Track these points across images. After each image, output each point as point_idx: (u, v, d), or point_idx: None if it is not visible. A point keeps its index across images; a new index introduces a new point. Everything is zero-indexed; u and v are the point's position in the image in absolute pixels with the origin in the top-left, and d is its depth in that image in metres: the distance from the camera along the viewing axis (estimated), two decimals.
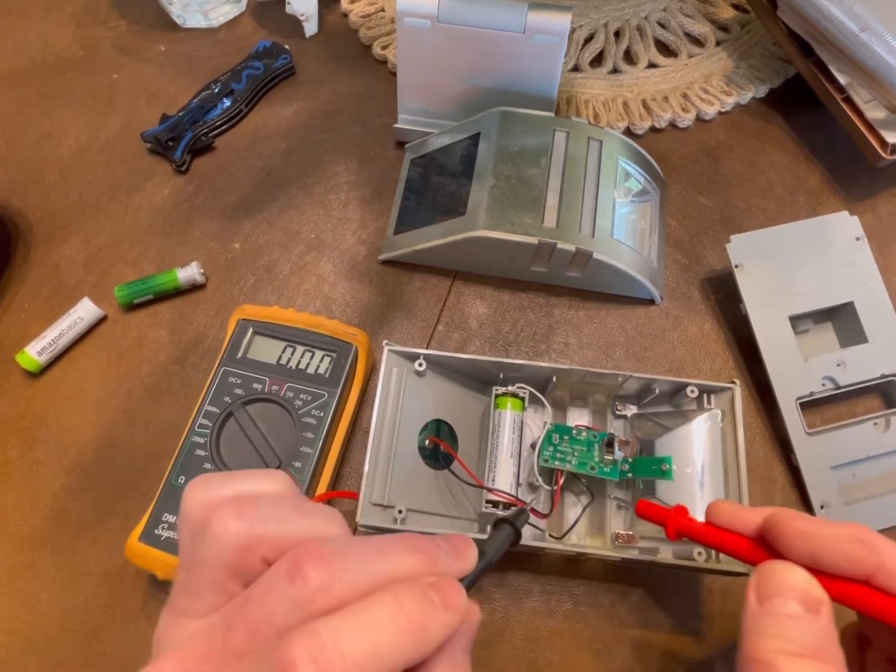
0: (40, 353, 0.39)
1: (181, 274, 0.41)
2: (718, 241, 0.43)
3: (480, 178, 0.40)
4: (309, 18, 0.51)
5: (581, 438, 0.33)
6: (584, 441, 0.33)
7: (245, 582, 0.19)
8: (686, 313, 0.41)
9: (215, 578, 0.19)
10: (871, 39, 0.39)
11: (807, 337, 0.39)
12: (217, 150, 0.48)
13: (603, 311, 0.41)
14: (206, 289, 0.42)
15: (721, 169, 0.46)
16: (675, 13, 0.51)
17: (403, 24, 0.40)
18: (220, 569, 0.18)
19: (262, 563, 0.18)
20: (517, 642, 0.32)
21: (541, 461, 0.33)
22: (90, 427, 0.38)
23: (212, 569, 0.18)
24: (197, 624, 0.18)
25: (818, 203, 0.44)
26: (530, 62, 0.41)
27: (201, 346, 0.40)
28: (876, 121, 0.41)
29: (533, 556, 0.34)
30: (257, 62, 0.50)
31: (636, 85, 0.49)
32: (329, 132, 0.48)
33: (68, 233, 0.45)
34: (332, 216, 0.45)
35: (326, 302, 0.42)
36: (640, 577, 0.33)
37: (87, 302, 0.41)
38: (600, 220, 0.39)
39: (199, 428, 0.35)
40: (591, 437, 0.33)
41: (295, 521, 0.19)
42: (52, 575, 0.35)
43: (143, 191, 0.46)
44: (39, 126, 0.49)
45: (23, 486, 0.37)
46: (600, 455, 0.33)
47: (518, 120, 0.41)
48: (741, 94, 0.48)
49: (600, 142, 0.41)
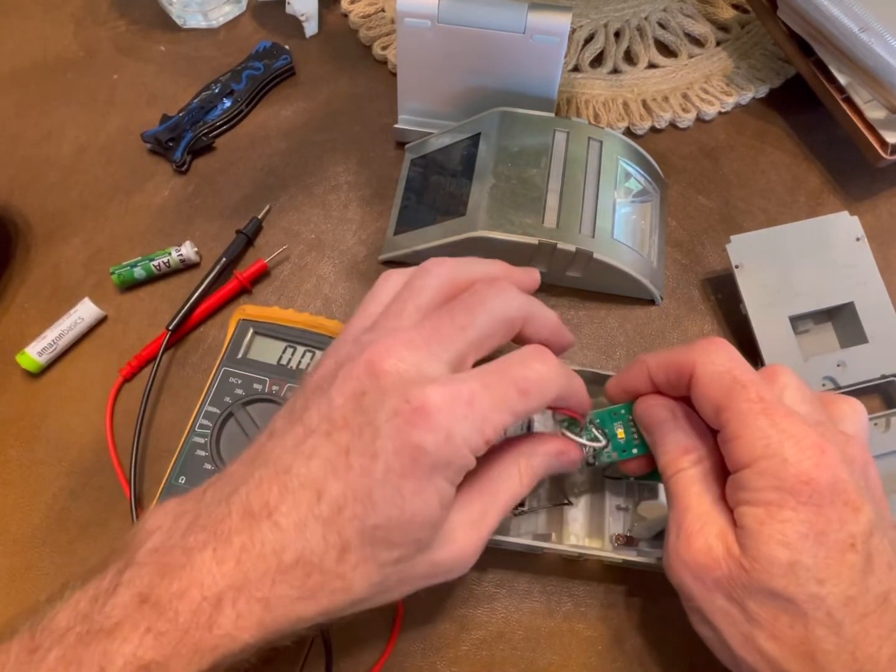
0: (40, 353, 0.39)
1: (176, 252, 0.42)
2: (718, 241, 0.43)
3: (480, 178, 0.40)
4: (309, 18, 0.51)
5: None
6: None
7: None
8: (686, 313, 0.41)
9: (428, 301, 0.27)
10: (871, 39, 0.39)
11: (807, 337, 0.39)
12: (217, 150, 0.48)
13: (603, 311, 0.41)
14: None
15: (721, 169, 0.46)
16: (675, 13, 0.51)
17: (403, 25, 0.40)
18: (434, 292, 0.27)
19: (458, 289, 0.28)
20: (517, 642, 0.32)
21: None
22: (90, 427, 0.38)
23: (428, 292, 0.27)
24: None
25: (818, 203, 0.44)
26: (530, 62, 0.41)
27: (202, 346, 0.40)
28: (876, 121, 0.41)
29: (533, 557, 0.34)
30: (257, 62, 0.50)
31: (636, 85, 0.49)
32: (329, 132, 0.48)
33: (68, 233, 0.45)
34: (332, 216, 0.45)
35: (327, 302, 0.42)
36: (641, 578, 0.33)
37: (87, 302, 0.41)
38: (600, 220, 0.39)
39: (200, 428, 0.35)
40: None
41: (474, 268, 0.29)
42: (52, 575, 0.35)
43: (143, 191, 0.46)
44: (39, 126, 0.49)
45: (23, 486, 0.37)
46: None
47: (518, 120, 0.41)
48: (741, 94, 0.48)
49: (600, 142, 0.41)
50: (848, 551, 0.23)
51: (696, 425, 0.28)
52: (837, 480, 0.23)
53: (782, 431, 0.24)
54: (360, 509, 0.23)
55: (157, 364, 0.38)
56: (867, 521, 0.23)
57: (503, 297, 0.27)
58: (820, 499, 0.23)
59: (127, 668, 0.22)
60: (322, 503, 0.23)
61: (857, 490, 0.24)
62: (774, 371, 0.27)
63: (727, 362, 0.26)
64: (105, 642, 0.22)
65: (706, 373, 0.26)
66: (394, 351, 0.24)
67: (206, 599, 0.22)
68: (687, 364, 0.27)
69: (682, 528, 0.26)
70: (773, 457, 0.24)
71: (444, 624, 0.33)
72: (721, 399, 0.25)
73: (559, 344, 0.29)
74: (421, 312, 0.27)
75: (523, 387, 0.25)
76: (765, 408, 0.25)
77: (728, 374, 0.26)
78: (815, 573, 0.23)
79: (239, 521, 0.23)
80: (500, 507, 0.27)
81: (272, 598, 0.23)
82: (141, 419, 0.37)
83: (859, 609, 0.23)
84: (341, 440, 0.24)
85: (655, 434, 0.29)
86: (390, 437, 0.23)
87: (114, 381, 0.39)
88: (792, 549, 0.23)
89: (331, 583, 0.23)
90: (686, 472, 0.27)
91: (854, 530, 0.23)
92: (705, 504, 0.26)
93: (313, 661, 0.32)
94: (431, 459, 0.23)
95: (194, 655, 0.22)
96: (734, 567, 0.24)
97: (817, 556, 0.23)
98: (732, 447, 0.25)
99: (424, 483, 0.23)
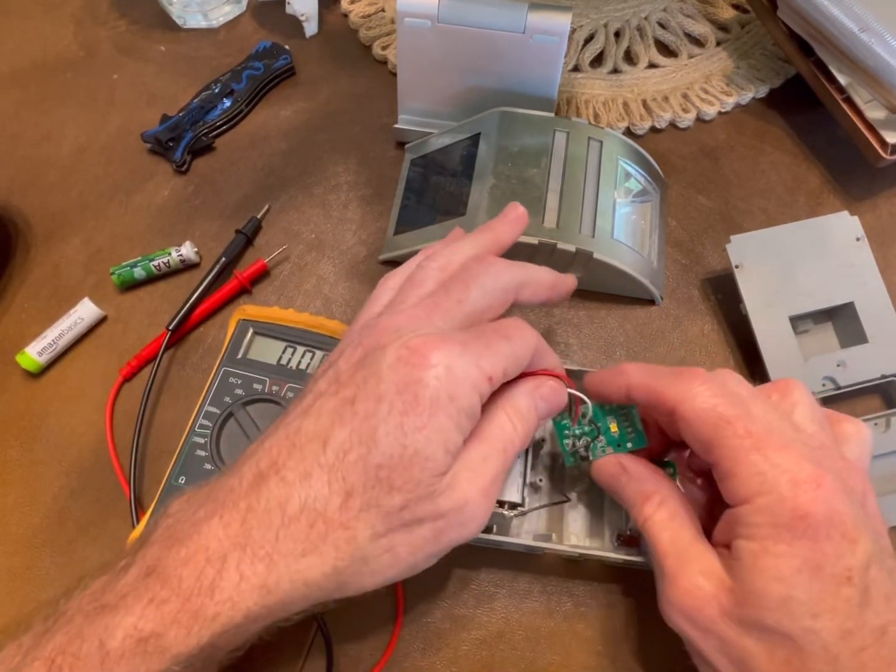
0: (40, 353, 0.39)
1: (176, 252, 0.42)
2: (718, 241, 0.43)
3: (480, 178, 0.40)
4: (309, 18, 0.51)
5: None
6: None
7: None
8: (686, 313, 0.41)
9: (430, 291, 0.28)
10: (871, 39, 0.39)
11: (807, 337, 0.39)
12: (217, 150, 0.48)
13: (603, 311, 0.41)
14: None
15: (721, 169, 0.46)
16: (675, 13, 0.51)
17: (403, 25, 0.40)
18: (434, 284, 0.29)
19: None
20: (517, 642, 0.32)
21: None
22: (90, 427, 0.38)
23: (429, 284, 0.29)
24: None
25: (818, 203, 0.44)
26: (530, 62, 0.41)
27: (201, 346, 0.40)
28: (876, 121, 0.41)
29: (533, 557, 0.34)
30: (257, 62, 0.50)
31: (636, 85, 0.49)
32: (329, 132, 0.48)
33: (68, 233, 0.45)
34: (332, 216, 0.45)
35: (326, 302, 0.42)
36: (641, 578, 0.33)
37: (87, 302, 0.41)
38: (600, 220, 0.39)
39: (200, 428, 0.35)
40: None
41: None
42: (52, 575, 0.35)
43: (143, 191, 0.46)
44: (39, 126, 0.49)
45: (23, 486, 0.37)
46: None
47: (518, 120, 0.41)
48: (741, 94, 0.48)
49: (600, 142, 0.41)
50: (844, 585, 0.23)
51: (648, 468, 0.29)
52: (834, 513, 0.23)
53: (776, 466, 0.24)
54: (363, 450, 0.23)
55: (157, 364, 0.38)
56: (864, 553, 0.23)
57: (493, 271, 0.29)
58: (816, 532, 0.23)
59: (126, 641, 0.22)
60: (328, 451, 0.24)
61: (854, 521, 0.23)
62: (788, 386, 0.27)
63: (710, 398, 0.26)
64: (108, 616, 0.22)
65: (690, 410, 0.26)
66: (399, 323, 0.26)
67: (210, 562, 0.23)
68: (668, 399, 0.27)
69: (665, 573, 0.26)
70: (769, 493, 0.24)
71: (444, 624, 0.33)
72: (709, 437, 0.25)
73: (561, 296, 0.32)
74: (423, 300, 0.28)
75: (505, 333, 0.27)
76: (755, 443, 0.24)
77: (712, 411, 0.25)
78: (810, 607, 0.23)
79: (248, 487, 0.24)
80: (498, 453, 0.27)
81: (275, 555, 0.23)
82: (141, 419, 0.37)
83: (856, 643, 0.23)
84: (347, 394, 0.25)
85: (615, 490, 0.30)
86: (392, 381, 0.24)
87: (114, 381, 0.39)
88: (786, 584, 0.23)
89: (335, 532, 0.23)
90: (653, 516, 0.27)
91: (851, 563, 0.23)
92: (682, 543, 0.26)
93: (314, 661, 0.32)
94: (432, 393, 0.24)
95: (194, 625, 0.22)
96: (726, 601, 0.24)
97: (812, 591, 0.23)
98: (728, 485, 0.25)
99: (427, 419, 0.24)
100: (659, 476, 0.29)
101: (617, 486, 0.29)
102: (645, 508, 0.28)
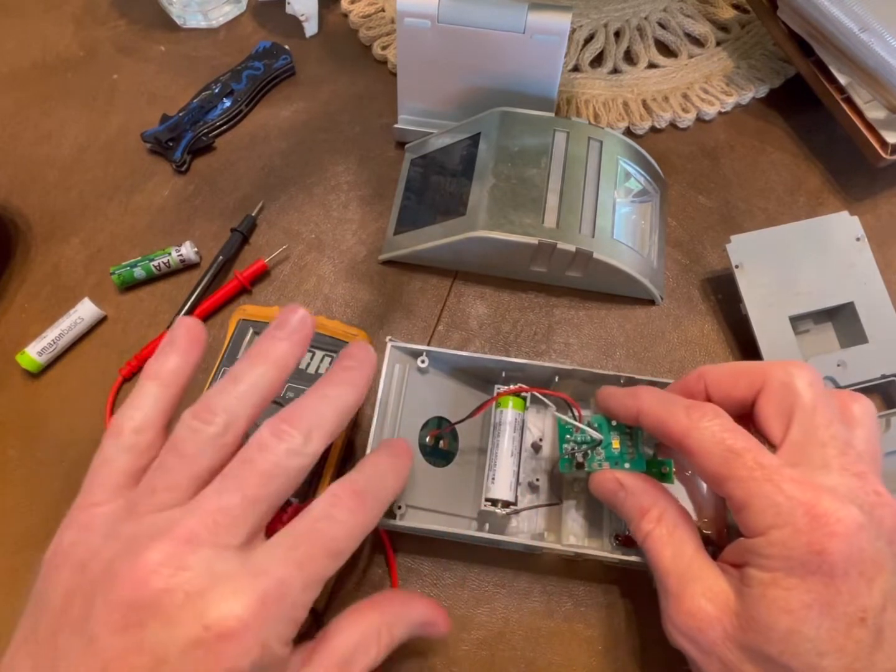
0: (40, 353, 0.39)
1: (176, 252, 0.42)
2: (718, 241, 0.43)
3: (480, 178, 0.40)
4: (309, 18, 0.51)
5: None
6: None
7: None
8: (686, 313, 0.41)
9: (208, 467, 0.24)
10: (871, 39, 0.39)
11: (807, 337, 0.39)
12: (217, 150, 0.48)
13: (603, 311, 0.41)
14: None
15: (721, 169, 0.46)
16: (675, 13, 0.51)
17: (403, 25, 0.40)
18: (210, 459, 0.24)
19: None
20: (517, 642, 0.32)
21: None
22: (90, 427, 0.38)
23: (204, 460, 0.24)
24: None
25: (818, 203, 0.44)
26: (530, 62, 0.41)
27: None
28: (876, 121, 0.41)
29: (533, 557, 0.34)
30: (257, 62, 0.50)
31: (636, 85, 0.49)
32: (329, 132, 0.48)
33: (68, 233, 0.45)
34: (332, 216, 0.45)
35: (326, 302, 0.42)
36: (640, 578, 0.33)
37: (87, 302, 0.41)
38: (600, 220, 0.39)
39: None
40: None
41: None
42: None
43: (143, 191, 0.46)
44: (39, 126, 0.49)
45: (23, 486, 0.37)
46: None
47: (518, 120, 0.41)
48: (741, 94, 0.48)
49: (600, 142, 0.41)
50: (856, 625, 0.22)
51: (645, 482, 0.29)
52: (853, 550, 0.22)
53: (791, 498, 0.23)
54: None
55: None
56: (881, 593, 0.22)
57: (287, 450, 0.23)
58: (831, 569, 0.22)
59: None
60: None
61: (875, 558, 0.22)
62: (854, 401, 0.27)
63: (718, 431, 0.25)
64: None
65: (698, 444, 0.26)
66: (171, 559, 0.20)
67: None
68: (676, 431, 0.26)
69: (668, 593, 0.26)
70: (784, 526, 0.23)
71: None
72: (720, 470, 0.25)
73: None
74: (198, 483, 0.23)
75: (334, 549, 0.23)
76: (766, 474, 0.24)
77: (721, 444, 0.25)
78: (817, 645, 0.22)
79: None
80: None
81: None
82: None
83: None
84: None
85: (614, 506, 0.30)
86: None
87: (114, 381, 0.39)
88: (793, 617, 0.22)
89: None
90: (653, 532, 0.27)
91: (866, 604, 0.22)
92: (684, 560, 0.26)
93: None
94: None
95: None
96: (730, 625, 0.24)
97: (820, 628, 0.22)
98: (743, 517, 0.24)
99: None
100: (657, 489, 0.29)
101: (615, 502, 0.29)
102: (643, 524, 0.28)
